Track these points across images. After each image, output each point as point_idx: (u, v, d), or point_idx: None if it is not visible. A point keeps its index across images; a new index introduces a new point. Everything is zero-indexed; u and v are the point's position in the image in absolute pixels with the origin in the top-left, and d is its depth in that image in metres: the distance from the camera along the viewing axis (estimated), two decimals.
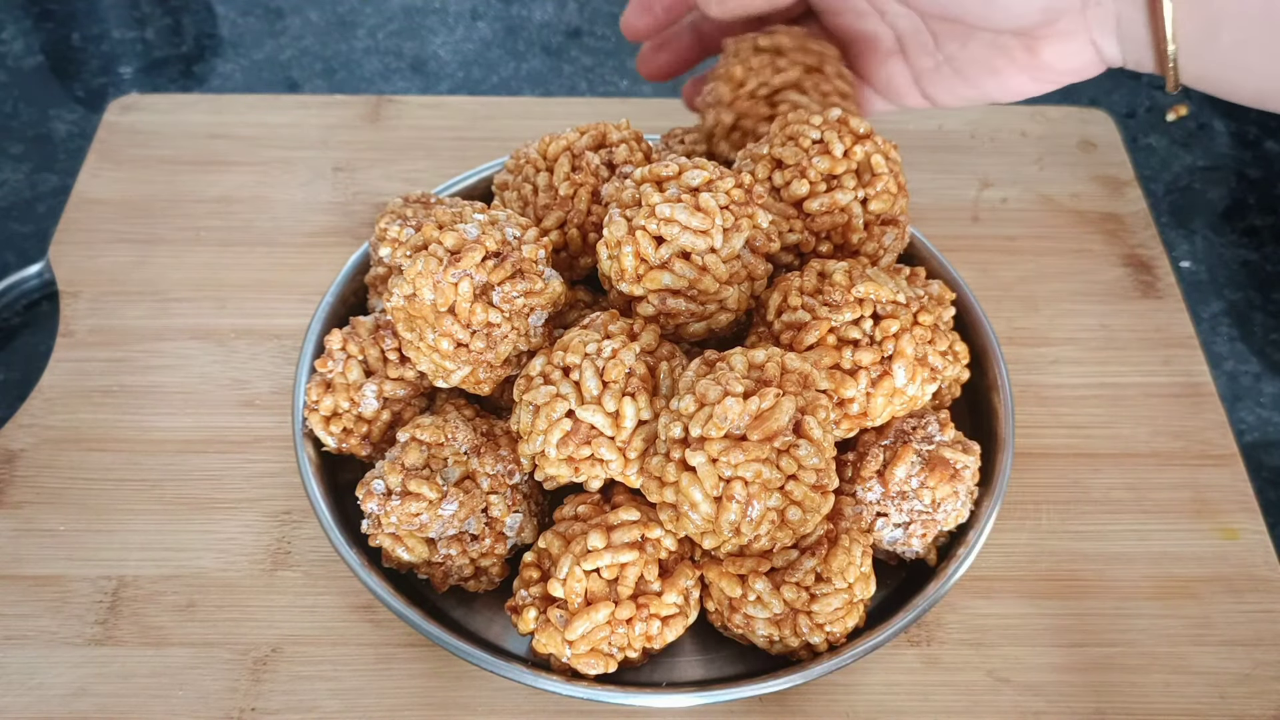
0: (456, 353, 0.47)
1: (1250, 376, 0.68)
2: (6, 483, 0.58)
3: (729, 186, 0.48)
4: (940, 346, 0.50)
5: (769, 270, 0.50)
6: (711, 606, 0.49)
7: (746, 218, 0.48)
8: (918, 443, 0.50)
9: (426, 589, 0.52)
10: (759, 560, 0.47)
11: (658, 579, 0.46)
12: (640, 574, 0.46)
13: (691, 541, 0.48)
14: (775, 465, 0.43)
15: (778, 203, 0.52)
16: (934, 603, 0.50)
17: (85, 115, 0.80)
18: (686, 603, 0.48)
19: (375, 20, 0.89)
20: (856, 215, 0.52)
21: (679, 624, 0.47)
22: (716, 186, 0.47)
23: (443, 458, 0.49)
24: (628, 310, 0.50)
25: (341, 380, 0.52)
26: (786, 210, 0.52)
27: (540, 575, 0.48)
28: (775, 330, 0.49)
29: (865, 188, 0.51)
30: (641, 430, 0.46)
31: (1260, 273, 0.74)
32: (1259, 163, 0.80)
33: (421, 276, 0.46)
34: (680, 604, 0.47)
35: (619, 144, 0.54)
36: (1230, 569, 0.56)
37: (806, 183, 0.51)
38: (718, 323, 0.49)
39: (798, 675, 0.47)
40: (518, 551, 0.51)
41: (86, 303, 0.65)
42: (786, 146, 0.52)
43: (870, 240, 0.53)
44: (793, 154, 0.51)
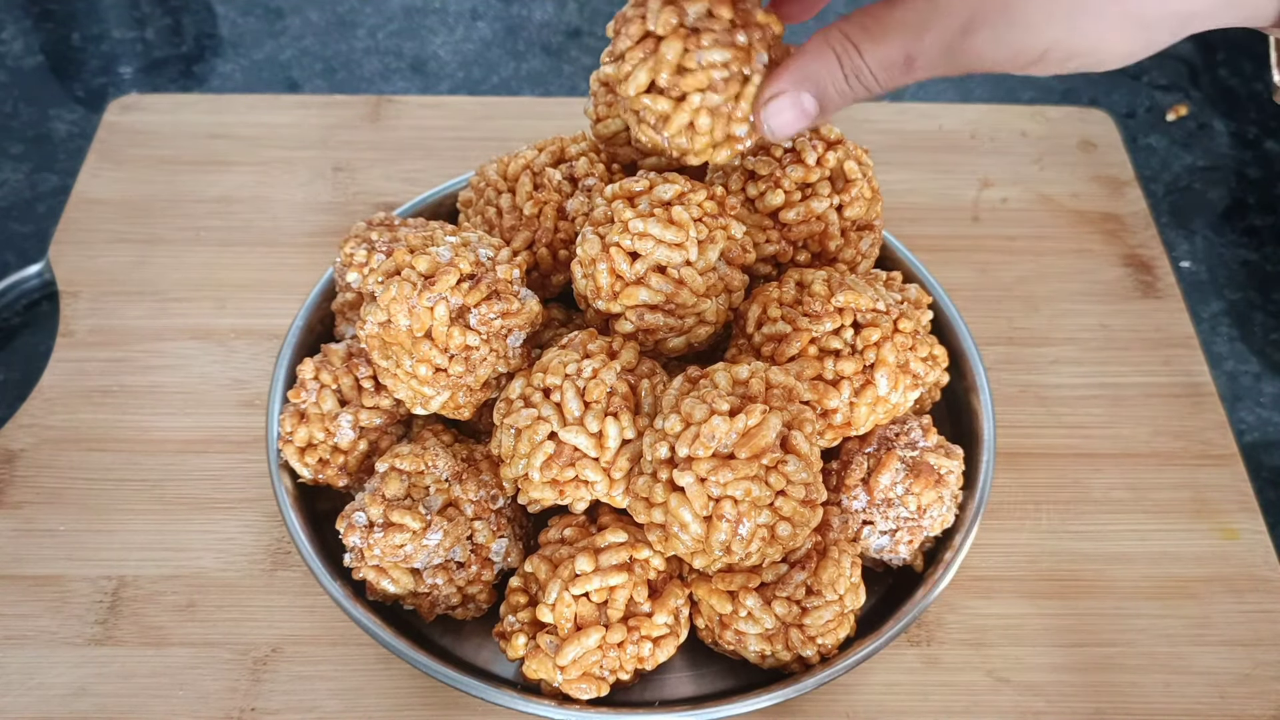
0: (435, 378, 0.47)
1: (1250, 376, 0.68)
2: (6, 483, 0.58)
3: (701, 199, 0.47)
4: (921, 353, 0.50)
5: (745, 282, 0.50)
6: (702, 624, 0.49)
7: (721, 229, 0.47)
8: (901, 449, 0.50)
9: (413, 617, 0.51)
10: (749, 576, 0.47)
11: (647, 600, 0.46)
12: (630, 596, 0.46)
13: (680, 559, 0.48)
14: (764, 482, 0.43)
15: (753, 214, 0.51)
16: (924, 609, 0.50)
17: (85, 115, 0.80)
18: (677, 622, 0.47)
19: (375, 20, 0.89)
20: (833, 222, 0.51)
21: (670, 644, 0.47)
22: (689, 199, 0.47)
23: (424, 486, 0.48)
24: (605, 328, 0.50)
25: (315, 410, 0.51)
26: (762, 221, 0.51)
27: (528, 600, 0.47)
28: (755, 343, 0.49)
29: (840, 194, 0.51)
30: (625, 450, 0.45)
31: (1260, 273, 0.74)
32: (1259, 163, 0.80)
33: (396, 302, 0.45)
34: (671, 624, 0.47)
35: (578, 157, 0.54)
36: (1230, 569, 0.56)
37: (781, 192, 0.51)
38: (697, 337, 0.49)
39: (791, 689, 0.47)
40: (504, 576, 0.51)
41: (86, 303, 0.65)
42: (759, 157, 0.51)
43: (848, 247, 0.52)
44: (765, 164, 0.51)
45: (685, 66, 0.41)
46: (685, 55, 0.41)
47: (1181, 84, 0.86)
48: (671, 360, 0.51)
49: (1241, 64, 0.87)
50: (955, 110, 0.78)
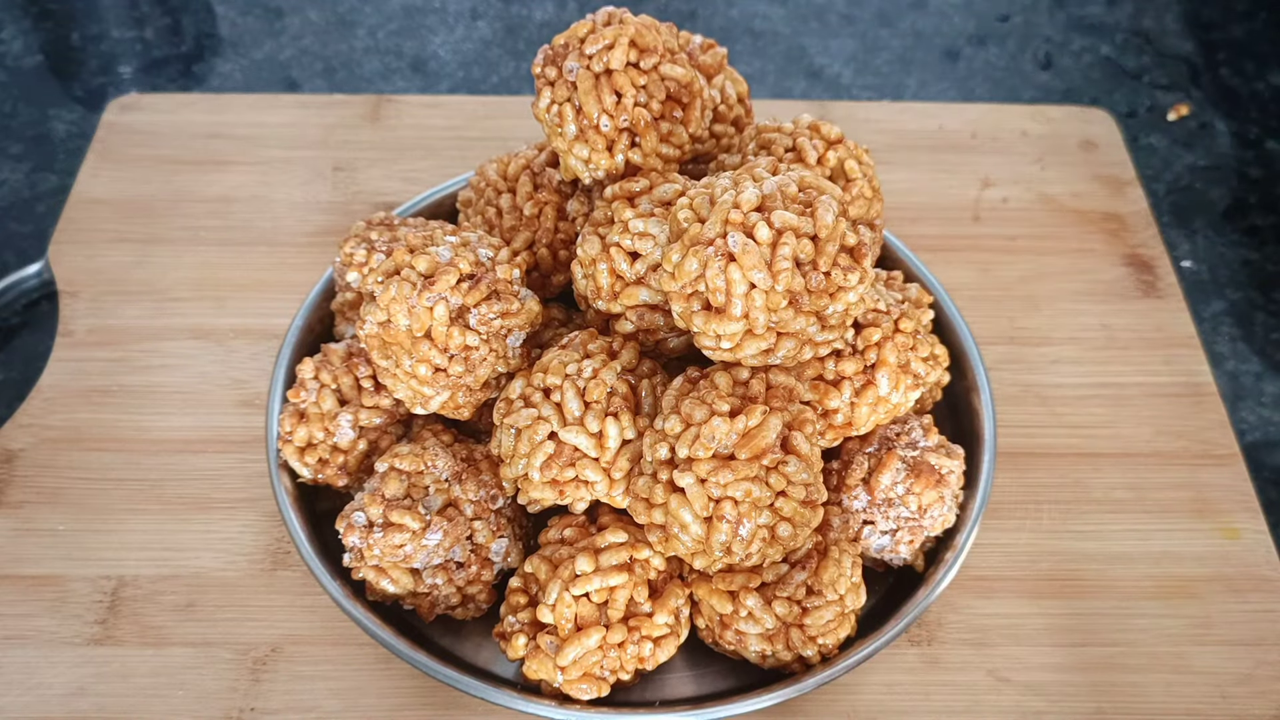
0: (435, 378, 0.47)
1: (1251, 376, 0.68)
2: (6, 483, 0.57)
3: None
4: (922, 353, 0.50)
5: None
6: (702, 624, 0.49)
7: None
8: (902, 449, 0.50)
9: (413, 617, 0.51)
10: (749, 576, 0.47)
11: (648, 600, 0.46)
12: (630, 596, 0.46)
13: (680, 559, 0.48)
14: (764, 483, 0.42)
15: None
16: (924, 609, 0.50)
17: (85, 115, 0.80)
18: (678, 622, 0.47)
19: (375, 20, 0.89)
20: None
21: (671, 644, 0.47)
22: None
23: (423, 486, 0.48)
24: (605, 328, 0.50)
25: (315, 410, 0.51)
26: None
27: (528, 600, 0.47)
28: None
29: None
30: (625, 450, 0.45)
31: (1261, 272, 0.74)
32: (1260, 162, 0.80)
33: (395, 302, 0.45)
34: (671, 624, 0.47)
35: None
36: (1231, 569, 0.56)
37: None
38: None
39: (791, 689, 0.47)
40: (504, 576, 0.50)
41: (85, 302, 0.65)
42: (759, 156, 0.51)
43: None
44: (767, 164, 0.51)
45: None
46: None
47: (1183, 84, 0.86)
48: (671, 360, 0.51)
49: (1243, 64, 0.87)
50: (956, 110, 0.78)
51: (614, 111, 0.47)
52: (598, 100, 0.47)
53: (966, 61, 0.88)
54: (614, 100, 0.47)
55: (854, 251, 0.42)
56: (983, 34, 0.90)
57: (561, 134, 0.48)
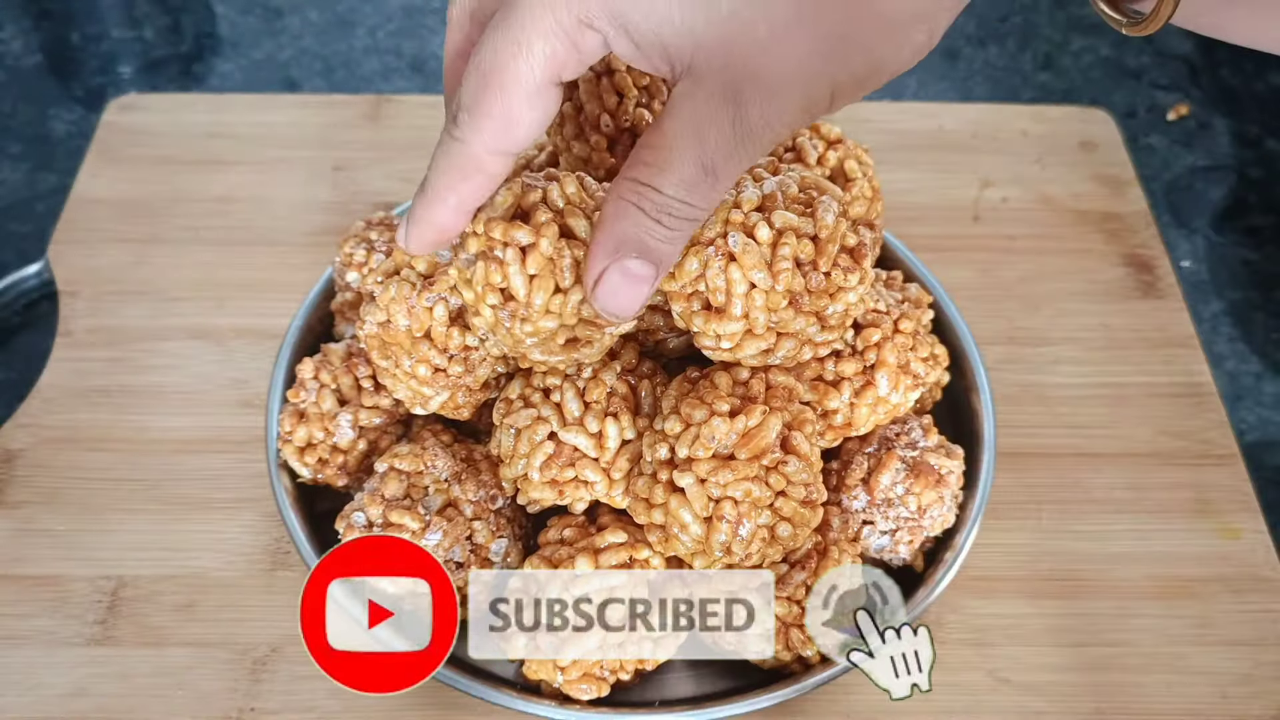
0: (434, 378, 0.47)
1: (1251, 376, 0.68)
2: (6, 483, 0.57)
3: None
4: (922, 353, 0.50)
5: None
6: None
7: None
8: (902, 449, 0.50)
9: None
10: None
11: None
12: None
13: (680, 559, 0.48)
14: (764, 483, 0.42)
15: None
16: (924, 609, 0.50)
17: (84, 115, 0.80)
18: None
19: (375, 20, 0.89)
20: None
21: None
22: None
23: (423, 486, 0.48)
24: None
25: (315, 410, 0.51)
26: None
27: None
28: None
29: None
30: (625, 450, 0.45)
31: (1261, 272, 0.74)
32: (1260, 162, 0.80)
33: (395, 302, 0.45)
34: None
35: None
36: (1231, 569, 0.56)
37: None
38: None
39: (791, 690, 0.47)
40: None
41: (85, 302, 0.65)
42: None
43: None
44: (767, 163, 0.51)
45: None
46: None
47: (1182, 83, 0.86)
48: (671, 360, 0.51)
49: (1243, 64, 0.87)
50: (956, 110, 0.78)
51: (616, 111, 0.47)
52: (599, 100, 0.47)
53: (966, 61, 0.88)
54: (615, 100, 0.47)
55: (854, 252, 0.42)
56: (982, 34, 0.90)
57: (561, 134, 0.48)
